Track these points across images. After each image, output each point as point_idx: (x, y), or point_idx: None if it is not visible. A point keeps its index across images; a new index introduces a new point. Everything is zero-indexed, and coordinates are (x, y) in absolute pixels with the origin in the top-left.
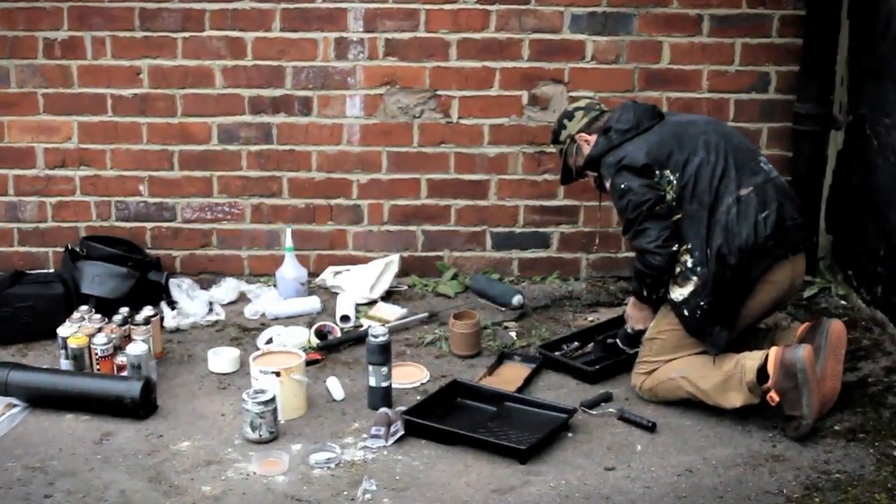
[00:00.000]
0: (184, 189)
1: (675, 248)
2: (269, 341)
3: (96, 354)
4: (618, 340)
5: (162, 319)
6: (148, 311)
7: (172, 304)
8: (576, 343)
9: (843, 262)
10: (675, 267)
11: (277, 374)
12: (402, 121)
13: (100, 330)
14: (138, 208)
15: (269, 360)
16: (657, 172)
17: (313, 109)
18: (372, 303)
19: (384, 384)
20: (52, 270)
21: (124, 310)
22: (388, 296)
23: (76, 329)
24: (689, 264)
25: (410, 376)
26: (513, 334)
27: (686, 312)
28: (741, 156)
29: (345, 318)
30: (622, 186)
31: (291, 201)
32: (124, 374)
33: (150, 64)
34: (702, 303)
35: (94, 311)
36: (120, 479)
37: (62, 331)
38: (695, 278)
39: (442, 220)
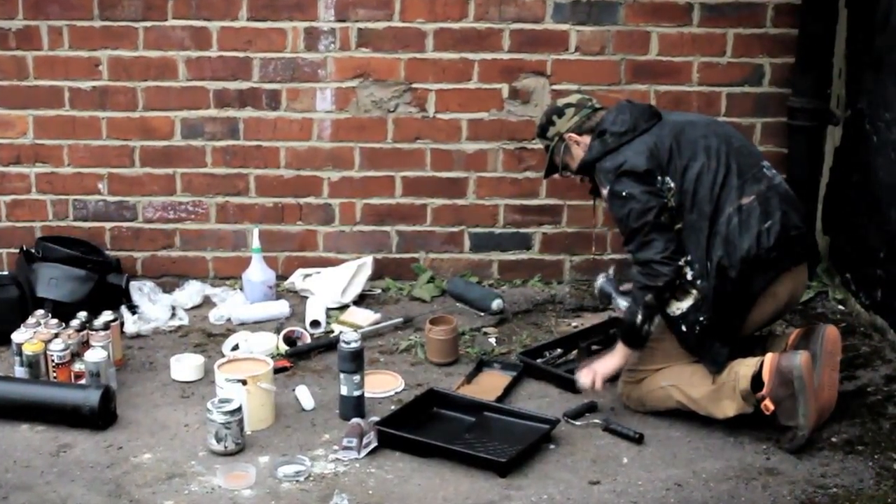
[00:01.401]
0: (145, 187)
1: (681, 263)
2: (235, 348)
3: (53, 361)
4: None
5: (122, 325)
6: (107, 315)
7: (133, 309)
8: (559, 350)
9: (840, 264)
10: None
11: (244, 382)
12: (376, 115)
13: (56, 336)
14: (97, 207)
15: (235, 368)
16: (658, 178)
17: (282, 103)
18: (344, 307)
19: (356, 393)
20: (6, 273)
21: (82, 314)
22: (361, 300)
23: (31, 335)
24: (689, 277)
25: (384, 385)
26: (492, 340)
27: (684, 328)
28: (743, 161)
29: (315, 324)
30: (623, 194)
31: (259, 200)
32: (82, 382)
33: (110, 55)
34: (701, 318)
35: (50, 315)
36: (78, 493)
37: (17, 336)
38: (694, 292)
39: (418, 219)
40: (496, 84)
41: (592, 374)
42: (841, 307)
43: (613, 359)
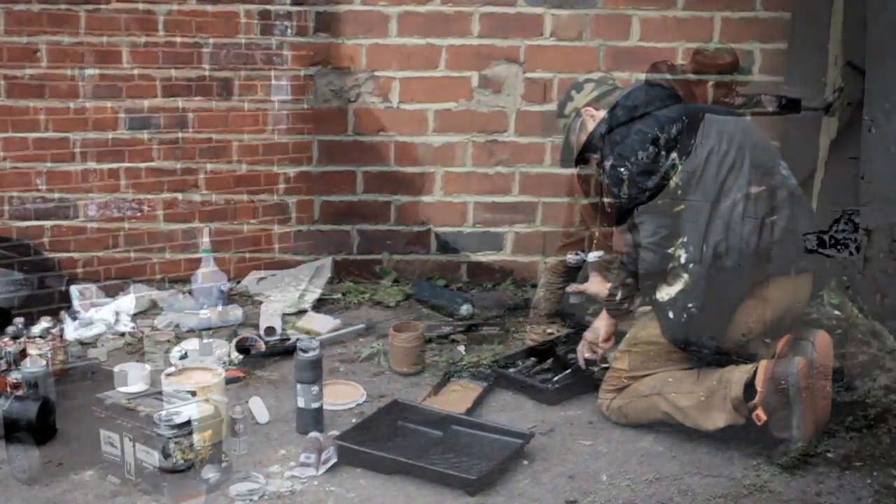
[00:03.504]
0: (87, 183)
1: (669, 251)
2: (184, 356)
3: None
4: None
5: (62, 331)
6: (46, 322)
7: (74, 315)
8: (532, 359)
9: (837, 265)
10: (668, 265)
11: (193, 393)
12: (335, 105)
13: None
14: (35, 205)
15: (184, 378)
16: (663, 154)
17: (234, 93)
18: (301, 312)
19: (315, 405)
20: None
21: (19, 321)
22: (320, 304)
23: None
24: (682, 259)
25: (345, 396)
26: (461, 349)
27: (671, 314)
28: (760, 154)
29: (270, 331)
30: (622, 170)
31: (210, 197)
32: (19, 393)
33: (50, 40)
34: (689, 305)
35: None
36: None
37: None
38: (685, 276)
39: (380, 218)
40: (465, 72)
41: (584, 344)
42: (837, 312)
43: (597, 324)
